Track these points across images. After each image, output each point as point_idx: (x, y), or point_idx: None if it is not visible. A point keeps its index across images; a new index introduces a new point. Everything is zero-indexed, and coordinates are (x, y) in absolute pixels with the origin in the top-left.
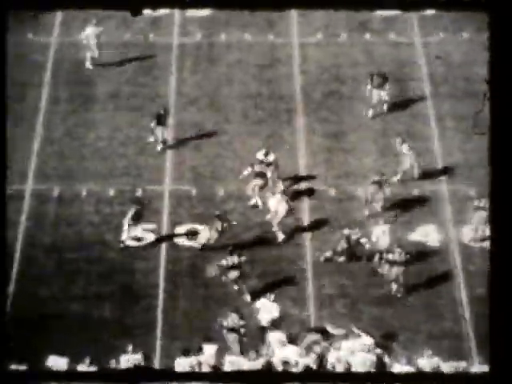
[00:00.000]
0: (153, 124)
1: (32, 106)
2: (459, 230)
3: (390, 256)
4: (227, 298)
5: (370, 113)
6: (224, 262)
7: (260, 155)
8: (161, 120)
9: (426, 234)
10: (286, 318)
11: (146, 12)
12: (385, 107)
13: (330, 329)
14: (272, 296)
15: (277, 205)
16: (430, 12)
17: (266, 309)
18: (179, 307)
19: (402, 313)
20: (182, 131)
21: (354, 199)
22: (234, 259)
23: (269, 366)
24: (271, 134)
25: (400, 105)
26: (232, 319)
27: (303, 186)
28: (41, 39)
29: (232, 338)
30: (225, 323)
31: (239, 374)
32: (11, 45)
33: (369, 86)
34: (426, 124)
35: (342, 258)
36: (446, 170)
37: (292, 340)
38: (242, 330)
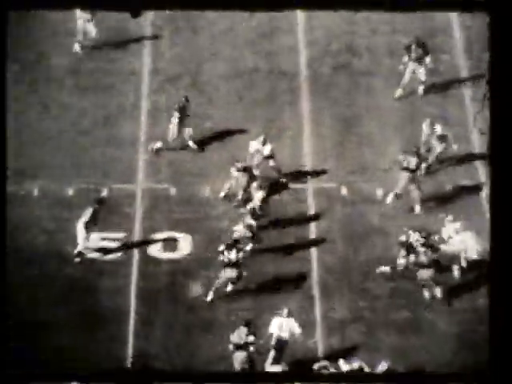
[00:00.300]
0: (175, 120)
1: None
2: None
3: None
4: (216, 324)
5: (398, 93)
6: (221, 257)
7: (255, 145)
8: (182, 116)
9: (464, 240)
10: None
11: None
12: (420, 89)
13: (342, 364)
14: (285, 311)
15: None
16: None
17: (282, 327)
18: (155, 335)
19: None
20: (158, 116)
21: (371, 200)
22: (232, 255)
23: None
24: (269, 119)
25: (432, 84)
26: (239, 334)
27: (310, 183)
28: None
29: (240, 357)
30: (231, 338)
31: (240, 375)
32: None
33: (405, 59)
34: (461, 107)
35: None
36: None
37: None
38: (252, 348)
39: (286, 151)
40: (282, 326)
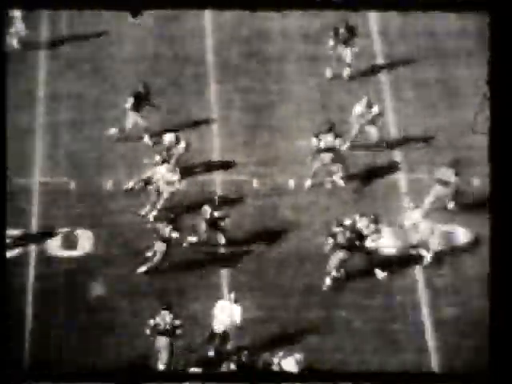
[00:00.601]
0: (128, 106)
1: None
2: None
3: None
4: (120, 325)
5: (329, 73)
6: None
7: (169, 137)
8: (139, 103)
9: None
10: None
11: None
12: (345, 73)
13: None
14: (232, 295)
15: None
16: None
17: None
18: (53, 339)
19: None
20: (55, 105)
21: (285, 193)
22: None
23: None
24: (174, 108)
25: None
26: (163, 318)
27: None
28: None
29: (162, 342)
30: (152, 321)
31: (238, 375)
32: None
33: (332, 42)
34: (377, 93)
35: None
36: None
37: None
38: (178, 332)
39: (193, 142)
40: (224, 309)
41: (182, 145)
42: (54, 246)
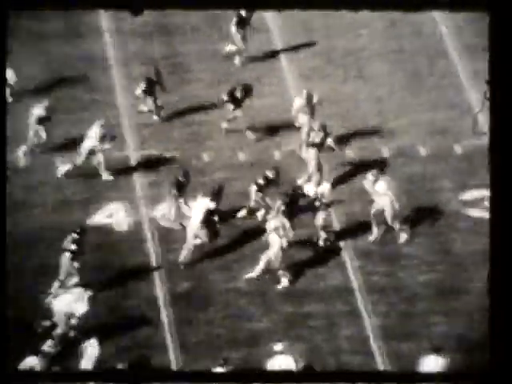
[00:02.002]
0: (139, 91)
1: None
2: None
3: None
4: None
5: (228, 48)
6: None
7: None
8: (151, 86)
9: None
10: None
11: None
12: (237, 59)
13: None
14: None
15: None
16: None
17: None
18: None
19: None
20: None
21: None
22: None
23: None
24: None
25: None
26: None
27: None
28: None
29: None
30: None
31: (239, 374)
32: None
33: (233, 29)
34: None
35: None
36: None
37: None
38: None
39: None
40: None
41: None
42: None
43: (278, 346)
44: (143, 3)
